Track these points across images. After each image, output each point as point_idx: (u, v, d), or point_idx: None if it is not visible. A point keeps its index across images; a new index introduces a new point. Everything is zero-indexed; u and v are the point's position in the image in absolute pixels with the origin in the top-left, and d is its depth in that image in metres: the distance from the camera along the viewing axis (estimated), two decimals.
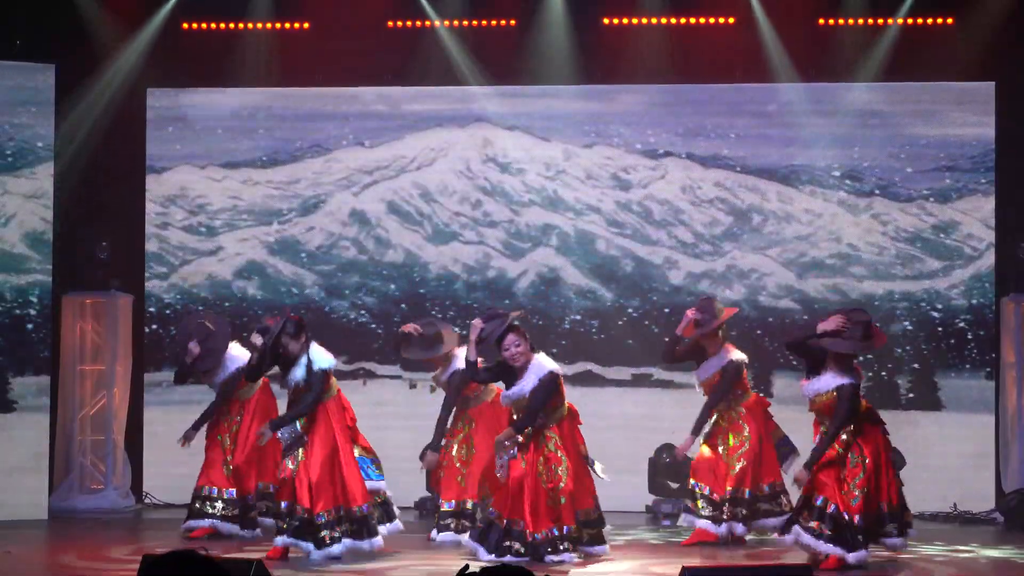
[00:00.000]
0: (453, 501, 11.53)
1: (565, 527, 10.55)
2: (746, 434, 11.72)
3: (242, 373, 11.70)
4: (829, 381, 10.49)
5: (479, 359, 10.91)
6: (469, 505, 11.39)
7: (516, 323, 10.84)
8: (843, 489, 10.38)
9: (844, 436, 10.47)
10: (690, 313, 11.73)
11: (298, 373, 10.73)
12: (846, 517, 10.29)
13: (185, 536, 11.83)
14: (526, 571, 4.53)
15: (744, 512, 11.60)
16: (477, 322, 10.85)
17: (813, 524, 10.33)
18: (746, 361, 11.89)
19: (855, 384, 10.48)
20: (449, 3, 14.26)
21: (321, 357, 10.77)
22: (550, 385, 10.59)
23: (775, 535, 11.04)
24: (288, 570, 10.21)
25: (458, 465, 11.59)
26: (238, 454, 11.90)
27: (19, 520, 12.59)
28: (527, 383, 10.60)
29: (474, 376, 10.96)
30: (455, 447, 11.64)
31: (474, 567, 4.63)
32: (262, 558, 8.98)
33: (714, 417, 11.76)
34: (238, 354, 12.00)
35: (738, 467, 11.62)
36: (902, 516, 10.74)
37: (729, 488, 11.58)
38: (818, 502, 10.35)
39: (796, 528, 10.41)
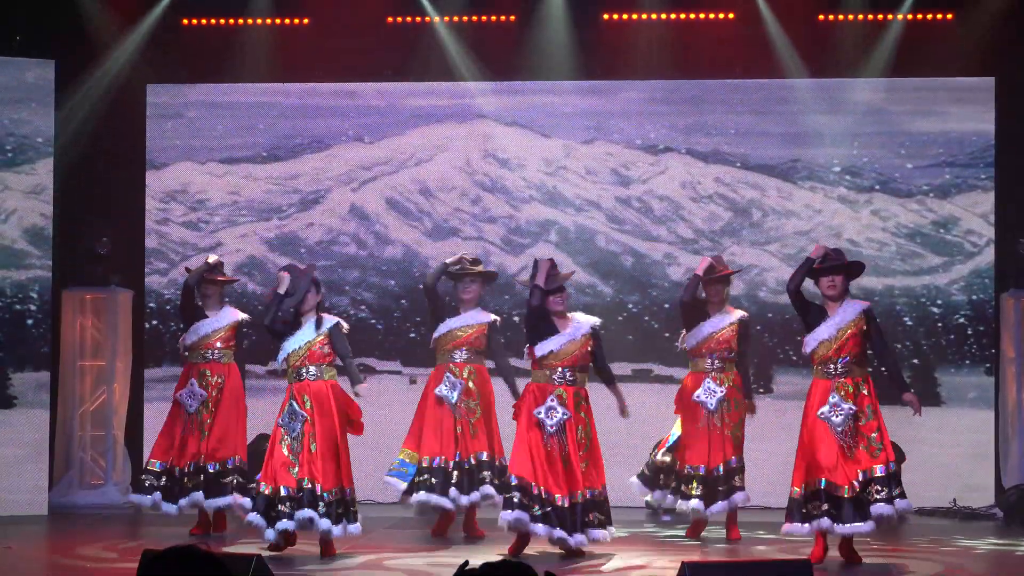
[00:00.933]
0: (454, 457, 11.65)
1: (590, 491, 10.68)
2: (736, 403, 11.76)
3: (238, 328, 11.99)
4: (848, 312, 10.55)
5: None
6: (484, 457, 11.61)
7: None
8: (863, 444, 10.38)
9: (853, 386, 10.48)
10: (705, 258, 11.87)
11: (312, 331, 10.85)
12: (845, 492, 10.32)
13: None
14: (527, 567, 4.53)
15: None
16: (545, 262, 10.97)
17: (824, 507, 10.36)
18: None
19: None
20: None
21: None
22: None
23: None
24: (287, 568, 10.21)
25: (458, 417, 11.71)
26: (211, 439, 11.89)
27: (19, 516, 12.59)
28: (580, 329, 10.82)
29: (541, 300, 10.84)
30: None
31: (474, 563, 4.62)
32: (261, 552, 9.00)
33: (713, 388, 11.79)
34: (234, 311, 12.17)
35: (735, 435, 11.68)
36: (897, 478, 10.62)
37: (731, 458, 11.62)
38: (822, 485, 10.37)
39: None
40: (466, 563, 4.59)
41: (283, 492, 10.61)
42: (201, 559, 4.15)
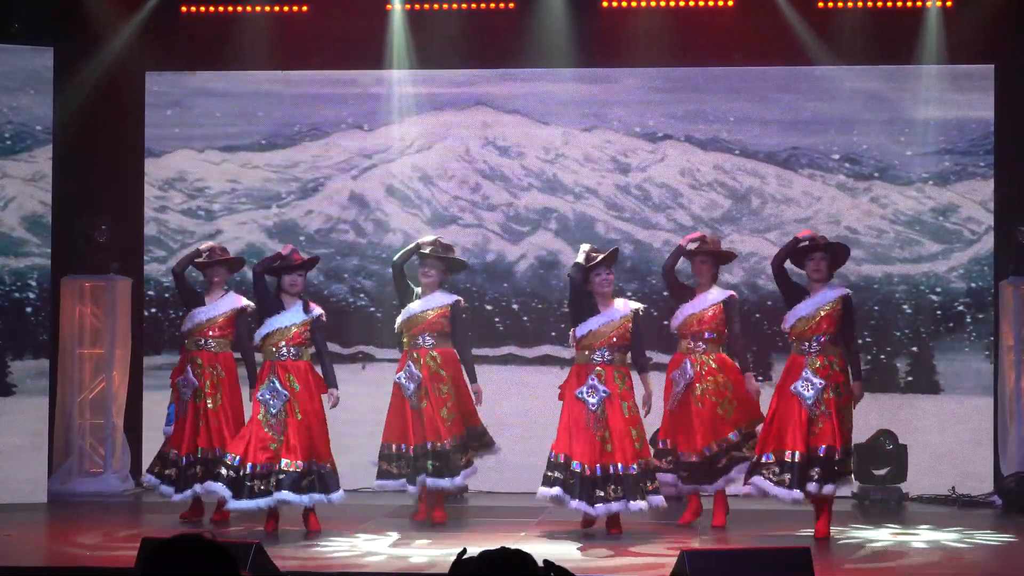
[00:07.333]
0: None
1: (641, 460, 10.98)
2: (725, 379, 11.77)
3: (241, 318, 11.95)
4: (828, 294, 11.05)
5: None
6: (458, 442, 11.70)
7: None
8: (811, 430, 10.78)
9: (827, 364, 10.90)
10: (697, 232, 12.00)
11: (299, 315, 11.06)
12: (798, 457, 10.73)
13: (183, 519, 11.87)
14: (525, 554, 4.53)
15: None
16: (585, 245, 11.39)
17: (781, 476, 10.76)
18: None
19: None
20: None
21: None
22: None
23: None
24: (283, 556, 10.22)
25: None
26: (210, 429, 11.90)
27: (18, 503, 12.60)
28: (619, 312, 11.12)
29: (581, 277, 11.16)
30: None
31: (472, 551, 4.62)
32: (259, 540, 9.01)
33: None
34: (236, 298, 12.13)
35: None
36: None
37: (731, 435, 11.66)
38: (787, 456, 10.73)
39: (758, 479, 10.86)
40: (464, 551, 4.60)
41: (250, 469, 10.76)
42: (207, 548, 4.15)
